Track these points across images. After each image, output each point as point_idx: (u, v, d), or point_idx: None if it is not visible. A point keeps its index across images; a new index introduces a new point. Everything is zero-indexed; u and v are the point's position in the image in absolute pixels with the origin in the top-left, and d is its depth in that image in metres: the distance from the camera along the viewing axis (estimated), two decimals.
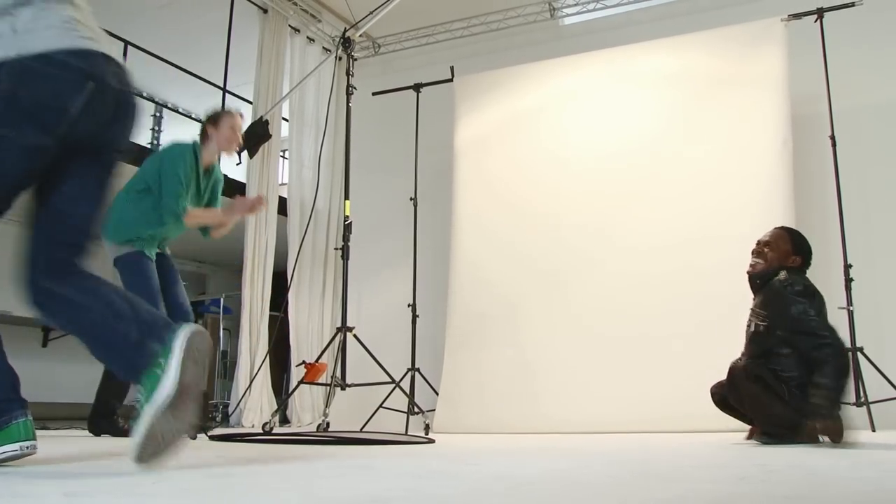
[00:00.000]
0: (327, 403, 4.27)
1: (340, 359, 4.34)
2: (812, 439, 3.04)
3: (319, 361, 4.47)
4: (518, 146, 6.05)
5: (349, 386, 4.35)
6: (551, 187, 5.80)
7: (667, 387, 4.84)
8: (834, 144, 4.91)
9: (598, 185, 5.66)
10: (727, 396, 3.43)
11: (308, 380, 4.38)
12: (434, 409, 5.50)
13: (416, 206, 6.08)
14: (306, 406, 6.56)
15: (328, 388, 4.34)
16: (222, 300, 8.65)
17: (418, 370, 5.70)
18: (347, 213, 4.63)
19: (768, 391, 3.22)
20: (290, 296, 6.38)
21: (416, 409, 5.08)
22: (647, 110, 5.73)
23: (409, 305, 5.91)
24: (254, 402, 6.06)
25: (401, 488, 1.51)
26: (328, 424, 4.15)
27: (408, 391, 5.33)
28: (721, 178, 5.28)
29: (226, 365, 8.66)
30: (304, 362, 4.39)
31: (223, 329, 8.77)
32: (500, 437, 4.34)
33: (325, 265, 7.00)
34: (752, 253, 3.57)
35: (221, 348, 8.73)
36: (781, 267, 3.46)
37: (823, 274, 4.96)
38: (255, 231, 6.39)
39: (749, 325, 3.50)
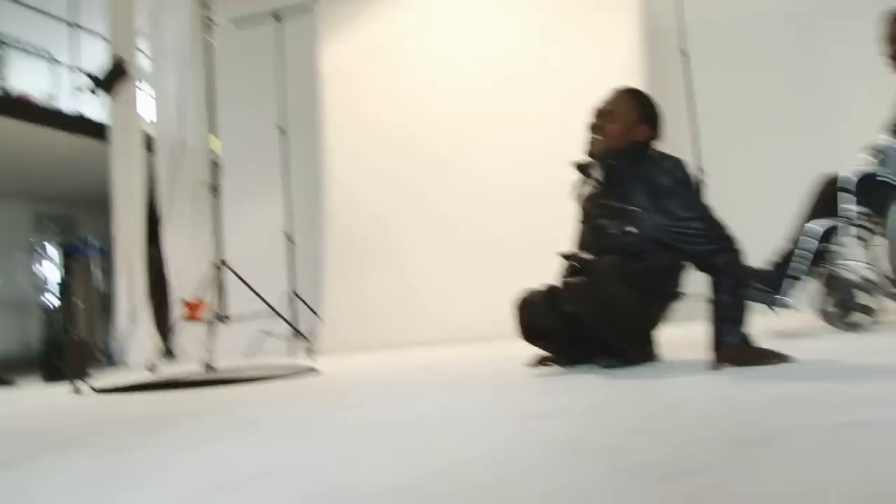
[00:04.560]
0: (209, 340, 4.32)
1: (218, 293, 4.38)
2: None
3: (199, 298, 4.50)
4: (385, 69, 6.13)
5: (229, 319, 4.42)
6: (419, 108, 5.94)
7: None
8: (686, 57, 5.15)
9: (465, 105, 5.83)
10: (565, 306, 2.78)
11: (188, 317, 4.41)
12: (317, 334, 5.64)
13: (284, 134, 6.04)
14: (192, 341, 6.55)
15: (209, 323, 4.39)
16: (94, 241, 8.44)
17: (297, 294, 5.76)
18: (215, 148, 4.59)
19: (639, 301, 2.61)
20: (165, 232, 6.32)
21: (298, 334, 5.20)
22: (507, 27, 5.92)
23: (285, 233, 5.95)
24: (137, 340, 6.03)
25: (283, 451, 1.63)
26: (213, 361, 4.18)
27: (289, 317, 5.44)
28: (579, 92, 5.45)
29: (105, 306, 8.49)
30: (183, 300, 4.41)
31: (99, 270, 8.57)
32: (382, 358, 4.50)
33: (197, 200, 6.89)
34: (590, 129, 2.83)
35: (100, 290, 8.54)
36: (630, 142, 2.75)
37: None
38: (123, 169, 6.25)
39: (595, 223, 2.89)
